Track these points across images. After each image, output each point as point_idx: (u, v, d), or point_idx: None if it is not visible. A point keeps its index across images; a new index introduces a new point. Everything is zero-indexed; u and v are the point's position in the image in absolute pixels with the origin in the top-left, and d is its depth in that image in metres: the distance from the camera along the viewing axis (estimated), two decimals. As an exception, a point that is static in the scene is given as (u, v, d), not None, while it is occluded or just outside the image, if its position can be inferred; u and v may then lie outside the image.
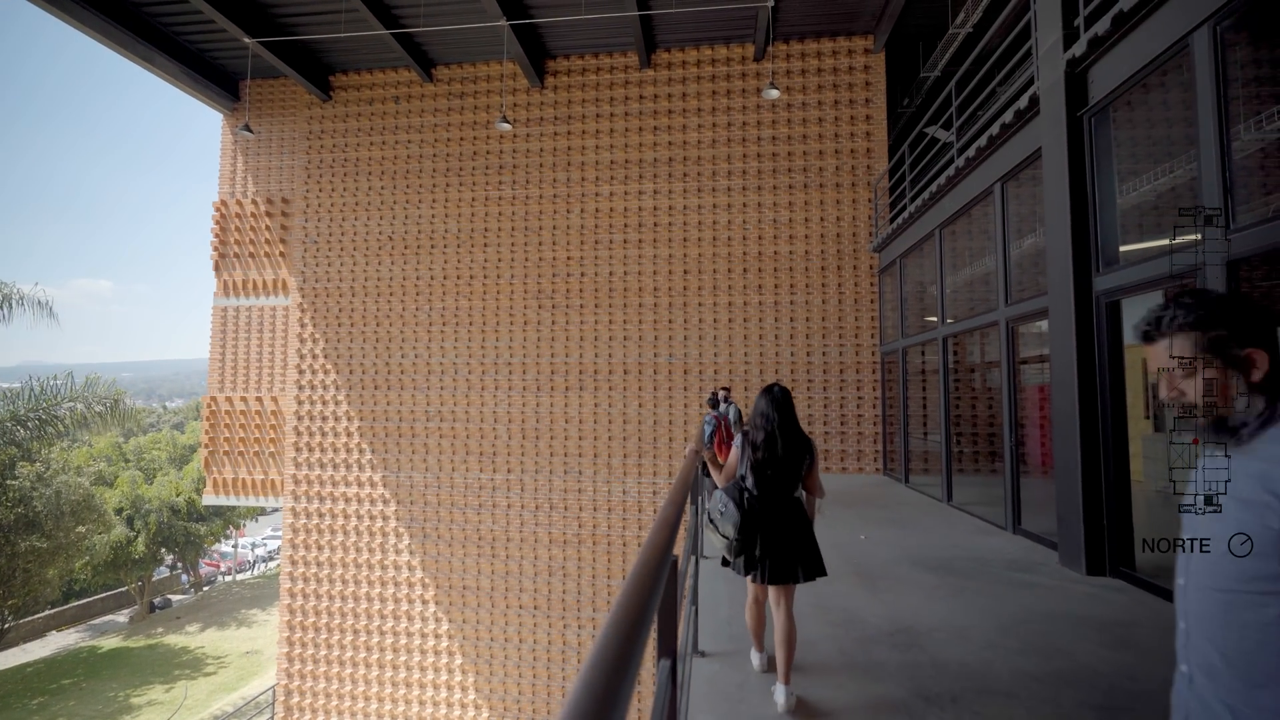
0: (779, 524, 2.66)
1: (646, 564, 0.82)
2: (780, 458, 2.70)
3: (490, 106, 10.49)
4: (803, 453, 2.73)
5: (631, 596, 0.74)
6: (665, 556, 0.91)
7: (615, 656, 0.58)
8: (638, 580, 0.78)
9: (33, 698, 17.53)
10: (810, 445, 2.79)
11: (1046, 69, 4.65)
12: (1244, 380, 1.13)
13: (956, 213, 6.53)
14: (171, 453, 26.83)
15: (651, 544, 0.94)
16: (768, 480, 2.71)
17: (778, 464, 2.70)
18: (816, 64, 9.75)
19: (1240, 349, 1.13)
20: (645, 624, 0.69)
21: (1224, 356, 1.14)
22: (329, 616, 10.43)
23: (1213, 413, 1.16)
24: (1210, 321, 1.15)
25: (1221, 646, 1.13)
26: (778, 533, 2.65)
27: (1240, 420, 1.13)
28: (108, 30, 8.96)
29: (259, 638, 21.69)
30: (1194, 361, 1.16)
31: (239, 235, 11.20)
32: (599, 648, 0.58)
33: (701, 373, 9.73)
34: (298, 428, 10.73)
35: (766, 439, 2.73)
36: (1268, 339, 1.13)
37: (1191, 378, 1.17)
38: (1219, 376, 1.15)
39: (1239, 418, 1.13)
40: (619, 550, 9.73)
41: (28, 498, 17.03)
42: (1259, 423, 1.12)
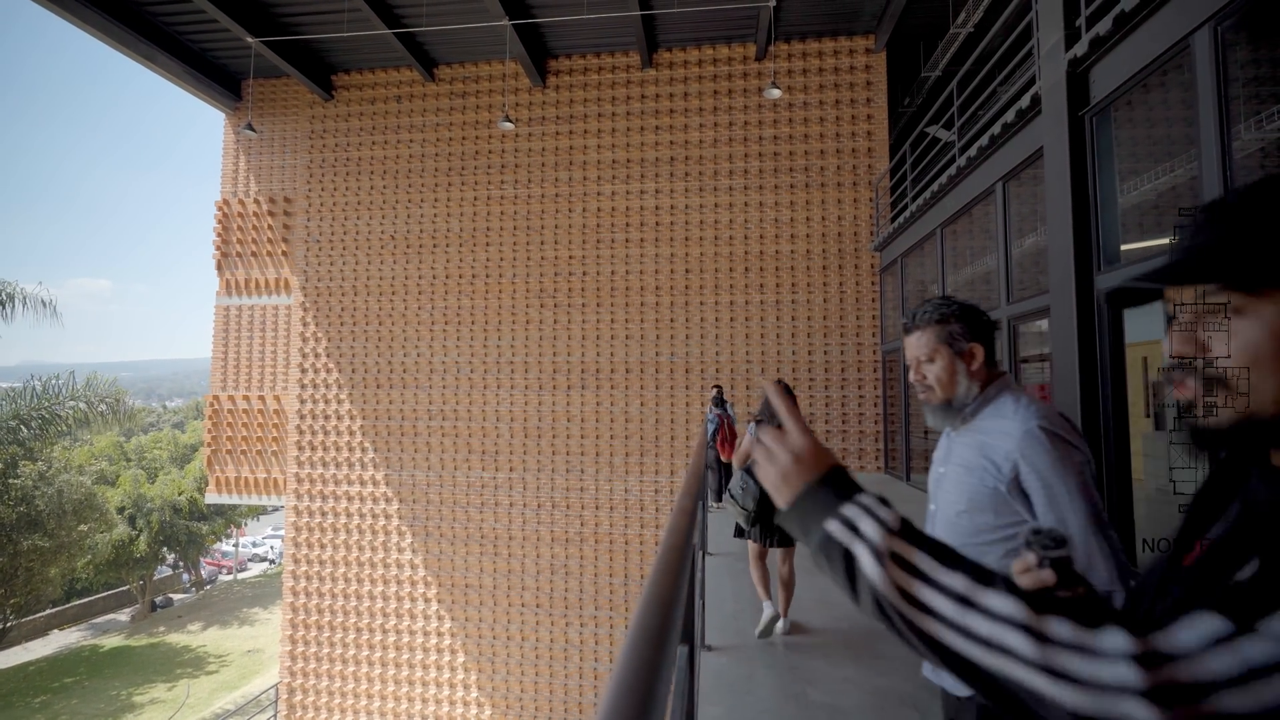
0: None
1: (672, 549, 0.85)
2: None
3: (492, 106, 10.52)
4: None
5: (660, 582, 0.77)
6: (688, 542, 0.94)
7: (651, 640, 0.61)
8: (665, 565, 0.81)
9: (35, 696, 17.57)
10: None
11: (1048, 69, 4.68)
12: (966, 369, 1.38)
13: (958, 212, 6.56)
14: (173, 452, 26.86)
15: (673, 529, 0.97)
16: None
17: None
18: (818, 63, 9.78)
19: (967, 343, 1.38)
20: (676, 607, 0.72)
21: (954, 348, 1.39)
22: (331, 615, 10.46)
23: (944, 394, 1.40)
24: (947, 318, 1.40)
25: None
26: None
27: (963, 401, 1.39)
28: (109, 29, 8.97)
29: (260, 636, 21.73)
30: (934, 352, 1.40)
31: (241, 234, 11.23)
32: (636, 630, 0.61)
33: (703, 371, 9.77)
34: (300, 426, 10.76)
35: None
36: (985, 337, 1.40)
37: (932, 364, 1.41)
38: (950, 365, 1.39)
39: (961, 399, 1.39)
40: (620, 548, 9.77)
41: (30, 496, 17.06)
42: (977, 403, 1.38)
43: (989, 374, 1.40)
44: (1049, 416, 1.30)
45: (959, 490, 1.37)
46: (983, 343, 1.39)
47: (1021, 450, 1.26)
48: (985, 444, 1.33)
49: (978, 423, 1.38)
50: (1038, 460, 1.24)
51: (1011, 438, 1.28)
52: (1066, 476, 1.23)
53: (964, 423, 1.40)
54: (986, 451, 1.32)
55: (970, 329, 1.39)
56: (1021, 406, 1.32)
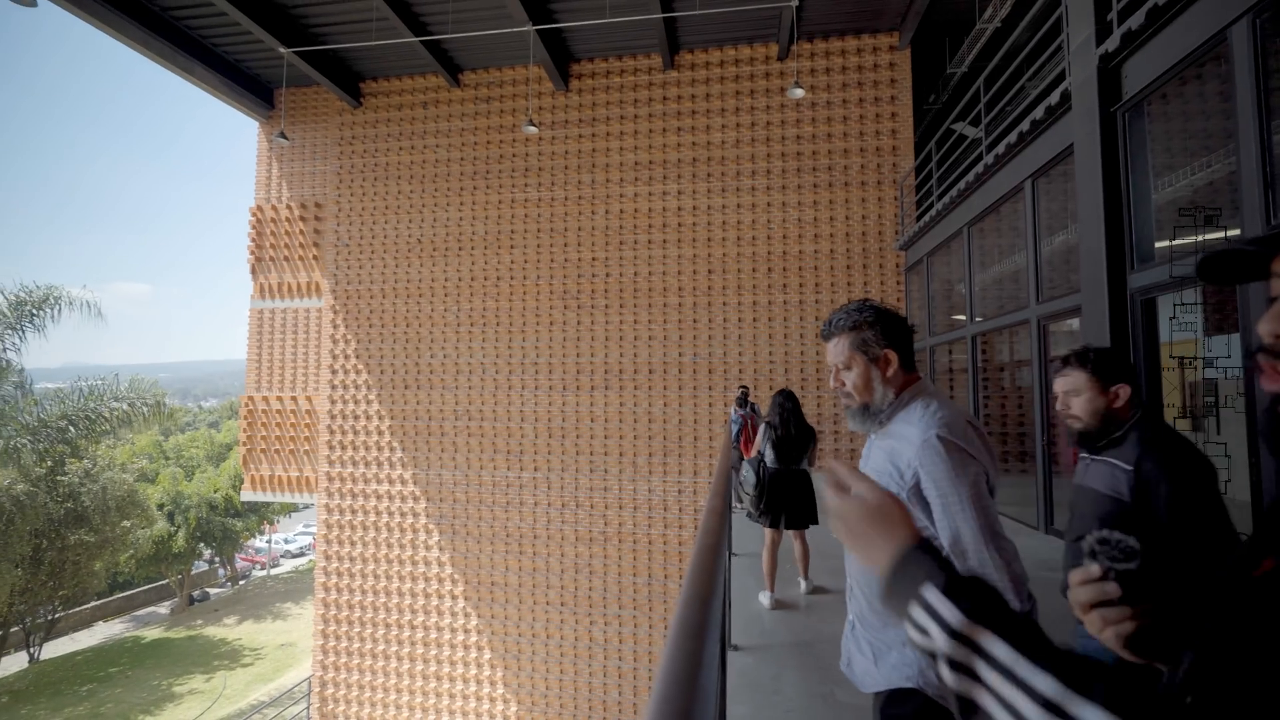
0: (792, 486, 3.79)
1: (707, 549, 0.89)
2: (794, 437, 3.86)
3: (516, 110, 10.65)
4: (808, 437, 3.93)
5: (698, 580, 0.81)
6: (722, 542, 0.98)
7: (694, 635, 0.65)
8: (701, 564, 0.86)
9: (82, 685, 18.27)
10: (813, 431, 3.98)
11: (1078, 64, 4.61)
12: (882, 375, 1.39)
13: (985, 210, 6.48)
14: (209, 450, 27.63)
15: (706, 530, 1.01)
16: (786, 454, 3.84)
17: (792, 442, 3.86)
18: (841, 62, 9.71)
19: (881, 349, 1.39)
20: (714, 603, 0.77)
21: (868, 354, 1.40)
22: (362, 610, 10.70)
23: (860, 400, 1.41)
24: (860, 325, 1.41)
25: (869, 595, 1.39)
26: (790, 492, 3.77)
27: (879, 407, 1.40)
28: (150, 43, 9.29)
29: (293, 630, 22.27)
30: (849, 358, 1.41)
31: (274, 239, 11.53)
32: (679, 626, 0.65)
33: (726, 372, 9.77)
34: (331, 426, 11.01)
35: (783, 424, 3.89)
36: (900, 342, 1.40)
37: (849, 371, 1.42)
38: (865, 371, 1.40)
39: (877, 405, 1.40)
40: (644, 548, 9.82)
41: (77, 493, 17.74)
42: (892, 408, 1.39)
43: (905, 379, 1.41)
44: (950, 425, 1.29)
45: None
46: (897, 348, 1.39)
47: (920, 459, 1.27)
48: (894, 450, 1.35)
49: (891, 428, 1.39)
50: (934, 469, 1.25)
51: (913, 445, 1.29)
52: (959, 487, 1.23)
53: (880, 427, 1.41)
54: (893, 457, 1.34)
55: (884, 335, 1.40)
56: (929, 414, 1.32)
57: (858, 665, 1.42)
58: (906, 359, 1.41)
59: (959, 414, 1.34)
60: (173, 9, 9.43)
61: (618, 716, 9.66)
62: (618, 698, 9.70)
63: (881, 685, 1.34)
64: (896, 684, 1.31)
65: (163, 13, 9.44)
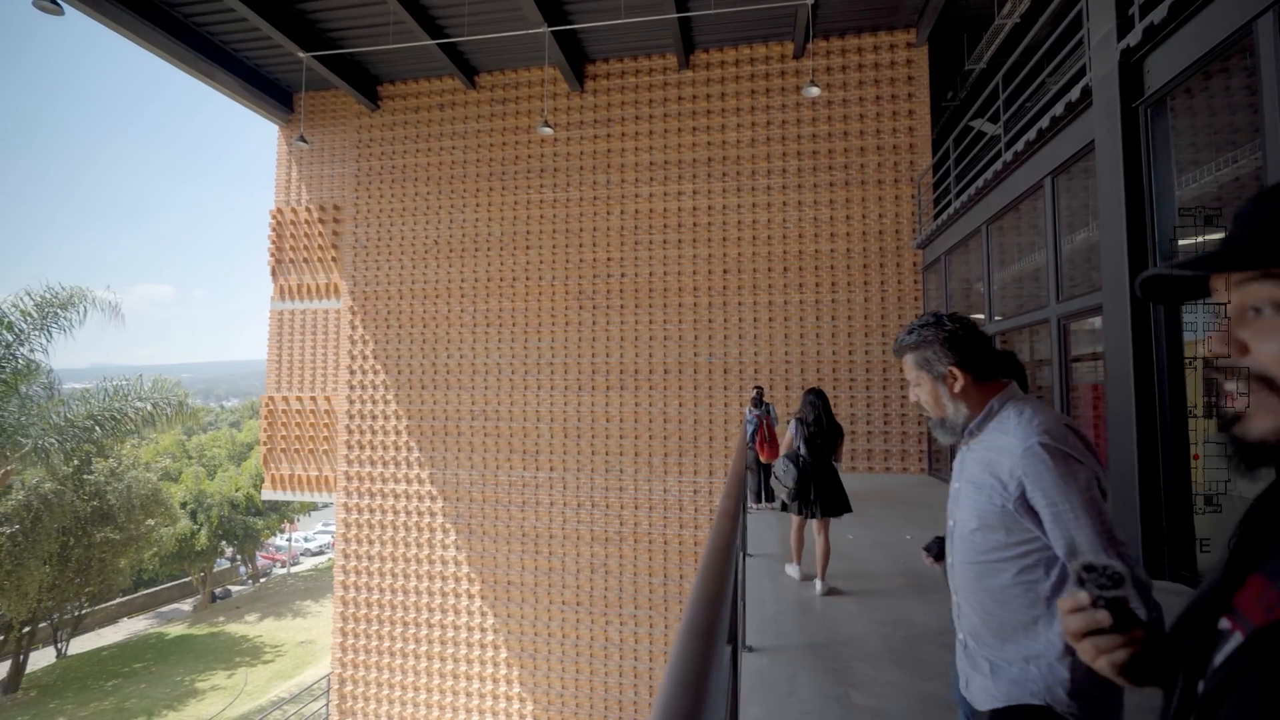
0: (824, 479, 4.18)
1: (718, 551, 0.89)
2: (826, 433, 4.26)
3: (531, 111, 10.71)
4: (837, 433, 4.33)
5: (708, 582, 0.82)
6: (732, 544, 0.98)
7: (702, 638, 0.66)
8: (711, 566, 0.86)
9: (108, 680, 18.67)
10: (841, 429, 4.38)
11: (1099, 60, 4.54)
12: (949, 392, 1.38)
13: (1004, 208, 6.39)
14: (230, 450, 28.09)
15: (718, 532, 1.02)
16: (817, 449, 4.23)
17: (824, 437, 4.25)
18: (857, 59, 9.64)
19: (944, 366, 1.37)
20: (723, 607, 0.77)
21: (932, 373, 1.40)
22: (380, 609, 10.82)
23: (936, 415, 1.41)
24: (921, 344, 1.40)
25: (979, 611, 1.35)
26: (824, 484, 4.15)
27: (954, 422, 1.39)
28: (173, 49, 9.47)
29: (313, 628, 22.57)
30: (916, 376, 1.42)
31: (294, 241, 11.70)
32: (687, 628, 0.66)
33: (742, 372, 9.74)
34: (349, 426, 11.15)
35: (816, 421, 4.27)
36: (968, 355, 1.37)
37: (918, 388, 1.43)
38: (932, 389, 1.40)
39: (951, 420, 1.39)
40: (660, 548, 9.82)
41: (103, 492, 18.12)
42: (982, 418, 1.36)
43: (988, 387, 1.37)
44: (1052, 431, 1.25)
45: (970, 507, 1.34)
46: (965, 363, 1.36)
47: (1023, 468, 1.23)
48: (991, 460, 1.31)
49: (985, 438, 1.35)
50: (1040, 478, 1.21)
51: (1013, 454, 1.25)
52: (1071, 494, 1.19)
53: (971, 437, 1.37)
54: (993, 468, 1.30)
55: (950, 351, 1.37)
56: (1024, 421, 1.28)
57: (975, 684, 1.37)
58: (981, 370, 1.37)
59: (1057, 418, 1.29)
60: (196, 15, 9.61)
61: (633, 716, 9.67)
62: (633, 697, 9.71)
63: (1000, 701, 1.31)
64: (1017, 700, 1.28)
65: (186, 19, 9.63)
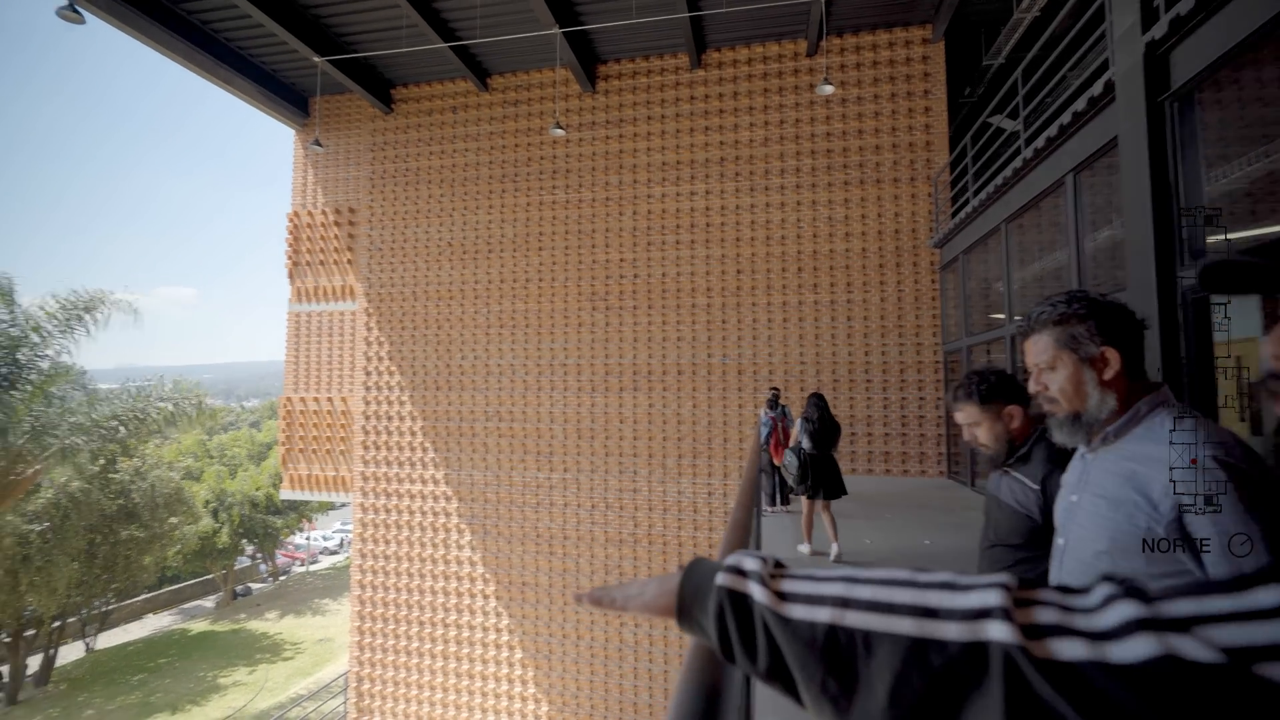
0: (826, 468, 4.95)
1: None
2: (826, 429, 5.03)
3: (543, 113, 10.71)
4: (836, 430, 5.11)
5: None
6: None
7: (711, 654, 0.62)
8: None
9: (134, 674, 19.03)
10: (839, 426, 5.18)
11: (1123, 53, 4.42)
12: (1097, 378, 1.16)
13: (1024, 206, 6.27)
14: (250, 450, 28.49)
15: (728, 544, 0.98)
16: (820, 442, 4.98)
17: (825, 433, 5.02)
18: (872, 56, 9.52)
19: (1096, 347, 1.16)
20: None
21: (1079, 352, 1.17)
22: (396, 608, 10.90)
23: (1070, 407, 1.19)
24: (1070, 318, 1.18)
25: None
26: (826, 472, 4.94)
27: (1095, 416, 1.17)
28: (192, 55, 9.62)
29: (331, 626, 22.82)
30: (1054, 358, 1.19)
31: (310, 244, 11.82)
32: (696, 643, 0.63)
33: (756, 373, 9.67)
34: (365, 427, 11.24)
35: (819, 419, 5.05)
36: (1124, 340, 1.16)
37: (1053, 372, 1.20)
38: (1075, 373, 1.18)
39: (1093, 413, 1.16)
40: (674, 550, 9.78)
41: (128, 490, 18.47)
42: (1125, 421, 1.15)
43: (1136, 385, 1.17)
44: (1229, 446, 1.03)
45: (1099, 526, 1.14)
46: (1120, 347, 1.16)
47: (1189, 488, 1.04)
48: (1136, 474, 1.10)
49: (1125, 445, 1.15)
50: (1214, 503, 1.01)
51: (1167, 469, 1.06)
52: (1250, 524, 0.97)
53: (1105, 443, 1.18)
54: (1139, 484, 1.09)
55: (1101, 330, 1.16)
56: (1188, 431, 1.08)
57: None
58: (1134, 362, 1.17)
59: (1231, 432, 1.09)
60: (213, 23, 9.74)
61: (648, 719, 9.64)
62: (648, 700, 9.69)
63: None
64: None
65: (203, 26, 9.76)
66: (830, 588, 0.47)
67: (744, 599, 0.50)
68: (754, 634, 0.49)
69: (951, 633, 0.41)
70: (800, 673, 0.46)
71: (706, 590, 0.53)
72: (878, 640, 0.43)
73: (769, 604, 0.49)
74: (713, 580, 0.53)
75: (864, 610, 0.45)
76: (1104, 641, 0.36)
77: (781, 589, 0.49)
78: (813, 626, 0.46)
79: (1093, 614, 0.39)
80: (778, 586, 0.50)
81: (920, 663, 0.41)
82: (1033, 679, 0.36)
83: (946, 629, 0.41)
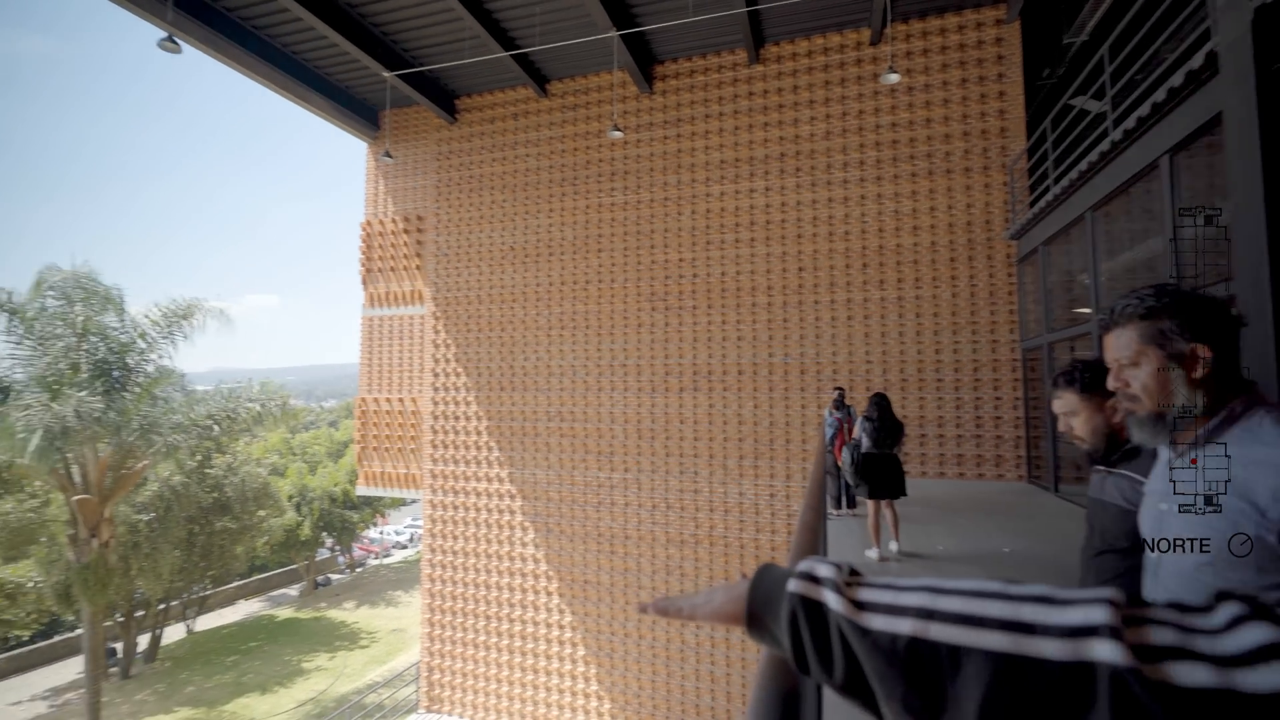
0: (886, 467, 4.96)
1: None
2: (887, 428, 5.03)
3: (601, 116, 10.82)
4: (898, 429, 5.09)
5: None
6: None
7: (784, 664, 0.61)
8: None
9: (228, 655, 20.49)
10: (901, 425, 5.14)
11: (1228, 20, 4.05)
12: (1185, 376, 1.10)
13: (1112, 192, 5.85)
14: (329, 447, 30.09)
15: (797, 548, 0.96)
16: (880, 441, 4.99)
17: (886, 432, 5.02)
18: (940, 41, 9.12)
19: (1185, 343, 1.10)
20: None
21: (1166, 349, 1.12)
22: (464, 601, 11.26)
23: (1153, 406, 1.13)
24: (1158, 312, 1.13)
25: None
26: (886, 471, 4.95)
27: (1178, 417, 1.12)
28: (273, 75, 10.24)
29: (403, 617, 23.83)
30: (1138, 354, 1.14)
31: (381, 251, 12.38)
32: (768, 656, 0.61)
33: (819, 373, 9.44)
34: (434, 426, 11.67)
35: (880, 418, 5.05)
36: (1216, 337, 1.10)
37: (1136, 369, 1.15)
38: (1160, 370, 1.12)
39: (1175, 414, 1.12)
40: (736, 552, 9.68)
41: (221, 485, 19.89)
42: (1219, 421, 1.09)
43: (1227, 384, 1.10)
44: None
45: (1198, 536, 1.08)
46: (1212, 344, 1.09)
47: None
48: (1240, 478, 1.04)
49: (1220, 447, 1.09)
50: None
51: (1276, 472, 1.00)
52: None
53: (1195, 446, 1.12)
54: (1244, 488, 1.03)
55: (1190, 325, 1.10)
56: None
57: None
58: (1227, 360, 1.11)
59: None
60: (293, 45, 10.34)
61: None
62: (710, 703, 9.62)
63: None
64: None
65: (284, 49, 10.38)
66: (912, 598, 0.45)
67: (818, 607, 0.49)
68: (830, 644, 0.47)
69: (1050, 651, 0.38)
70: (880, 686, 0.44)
71: (778, 597, 0.52)
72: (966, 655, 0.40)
73: (845, 613, 0.47)
74: (785, 587, 0.52)
75: (950, 623, 0.42)
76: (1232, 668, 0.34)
77: (859, 598, 0.47)
78: (894, 638, 0.44)
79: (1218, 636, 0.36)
80: (854, 595, 0.48)
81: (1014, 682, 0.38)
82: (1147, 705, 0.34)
83: (1045, 646, 0.38)
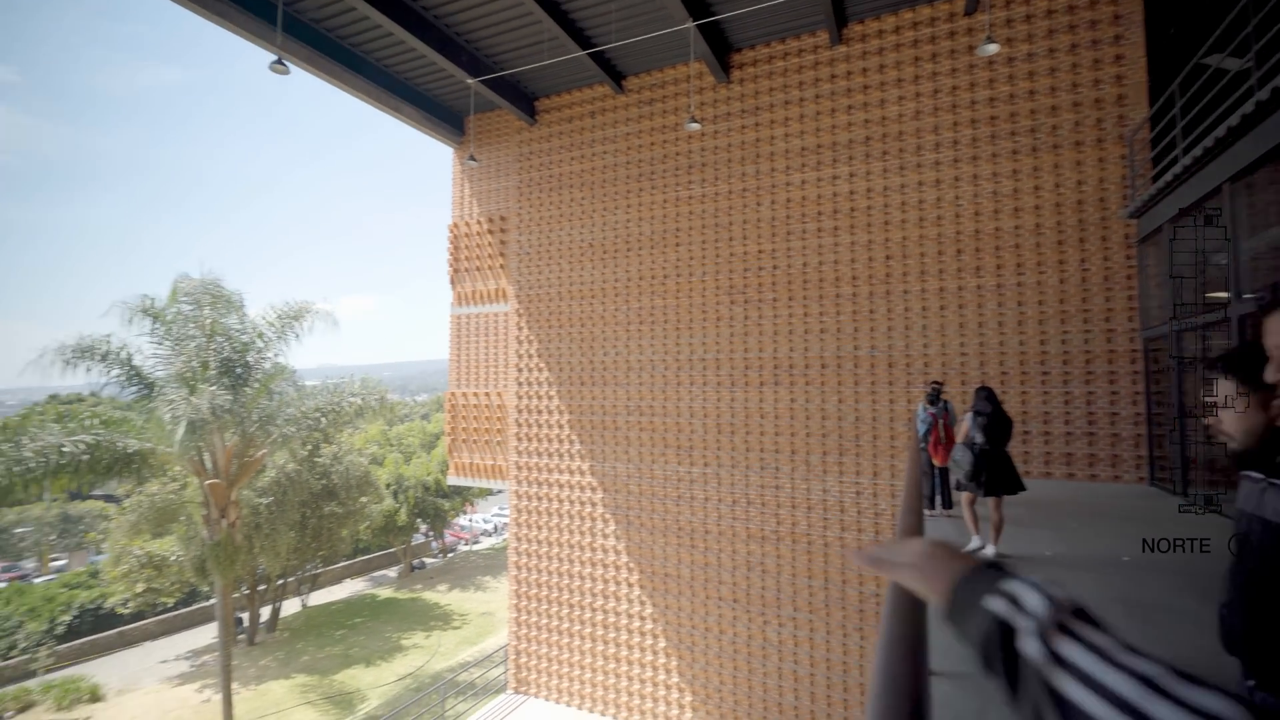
0: (1001, 463, 4.77)
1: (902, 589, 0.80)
2: (1000, 423, 4.85)
3: (678, 109, 10.77)
4: (1009, 423, 4.91)
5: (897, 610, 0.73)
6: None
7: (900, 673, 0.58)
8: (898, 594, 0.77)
9: (336, 629, 22.19)
10: (1011, 420, 4.93)
11: None
12: None
13: (1256, 161, 5.19)
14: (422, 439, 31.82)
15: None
16: (994, 438, 4.80)
17: (999, 427, 4.84)
18: (1046, 5, 8.41)
19: None
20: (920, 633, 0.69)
21: None
22: (549, 590, 11.61)
23: None
24: None
25: None
26: (1001, 467, 4.75)
27: None
28: (368, 89, 10.89)
29: (492, 601, 24.90)
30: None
31: (468, 252, 12.92)
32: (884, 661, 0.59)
33: (909, 365, 8.99)
34: (518, 420, 12.08)
35: (992, 413, 4.85)
36: None
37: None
38: None
39: None
40: (820, 550, 9.41)
41: (328, 472, 21.52)
42: None
43: None
44: None
45: None
46: None
47: None
48: None
49: None
50: None
51: None
52: None
53: None
54: None
55: None
56: None
57: None
58: None
59: None
60: (385, 58, 10.94)
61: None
62: (793, 702, 9.43)
63: None
64: None
65: (377, 63, 11.01)
66: (1121, 682, 0.41)
67: (1014, 638, 0.48)
68: (1019, 680, 0.47)
69: None
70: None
71: (977, 608, 0.52)
72: None
73: (1042, 665, 0.45)
74: (985, 599, 0.52)
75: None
76: None
77: (1060, 652, 0.45)
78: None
79: None
80: (1057, 646, 0.45)
81: None
82: None
83: None
